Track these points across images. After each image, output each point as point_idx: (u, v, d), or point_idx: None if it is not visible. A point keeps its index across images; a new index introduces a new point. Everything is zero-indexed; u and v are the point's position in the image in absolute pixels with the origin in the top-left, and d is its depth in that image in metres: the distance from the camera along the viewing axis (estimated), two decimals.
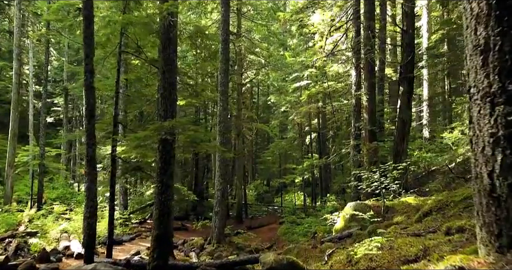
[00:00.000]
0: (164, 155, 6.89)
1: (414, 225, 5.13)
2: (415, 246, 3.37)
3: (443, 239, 3.44)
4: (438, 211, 5.43)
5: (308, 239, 15.81)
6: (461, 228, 3.50)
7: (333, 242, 7.64)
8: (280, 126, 34.35)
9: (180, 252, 13.23)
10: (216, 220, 14.22)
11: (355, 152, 12.88)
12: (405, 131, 12.27)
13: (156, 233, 6.68)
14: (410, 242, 3.61)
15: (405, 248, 3.45)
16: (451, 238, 3.36)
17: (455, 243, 3.12)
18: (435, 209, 5.53)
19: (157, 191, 6.88)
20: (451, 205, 5.33)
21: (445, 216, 4.99)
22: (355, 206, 8.59)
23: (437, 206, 5.57)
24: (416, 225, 5.04)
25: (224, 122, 14.37)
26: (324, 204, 19.31)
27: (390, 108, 21.20)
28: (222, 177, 14.29)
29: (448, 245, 3.08)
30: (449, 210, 5.15)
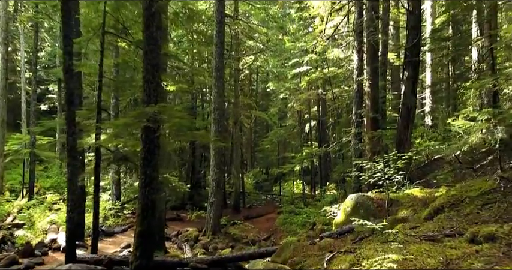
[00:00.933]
0: (148, 144, 6.26)
1: (425, 224, 4.54)
2: (433, 257, 2.79)
3: (468, 248, 2.86)
4: (451, 208, 4.83)
5: (307, 230, 15.34)
6: (491, 235, 2.91)
7: (333, 237, 7.08)
8: (279, 114, 33.65)
9: (174, 245, 12.73)
10: (211, 211, 13.70)
11: (356, 140, 12.25)
12: (409, 119, 11.63)
13: (139, 230, 6.11)
14: (426, 250, 3.02)
15: (421, 258, 2.86)
16: (479, 248, 2.77)
17: (487, 257, 2.54)
18: (447, 205, 4.93)
19: (141, 183, 6.27)
20: (466, 201, 4.73)
21: (460, 215, 4.40)
22: (357, 199, 8.01)
23: (449, 201, 4.97)
24: (427, 224, 4.45)
25: (220, 109, 13.72)
26: (323, 194, 18.79)
27: (393, 95, 20.53)
28: (218, 166, 13.71)
29: (477, 259, 2.50)
30: (464, 208, 4.56)
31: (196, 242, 13.01)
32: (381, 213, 7.55)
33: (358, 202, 7.90)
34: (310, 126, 26.86)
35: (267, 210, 20.87)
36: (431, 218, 4.96)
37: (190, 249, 11.69)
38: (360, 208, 7.83)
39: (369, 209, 7.70)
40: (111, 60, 10.80)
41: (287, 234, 15.39)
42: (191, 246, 12.54)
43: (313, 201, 19.58)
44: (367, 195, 8.07)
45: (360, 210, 7.80)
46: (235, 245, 13.44)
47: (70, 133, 7.54)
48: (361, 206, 7.83)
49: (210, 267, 7.61)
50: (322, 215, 15.59)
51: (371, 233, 6.29)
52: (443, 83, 23.05)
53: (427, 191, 7.79)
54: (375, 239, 5.60)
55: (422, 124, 23.11)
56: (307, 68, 21.74)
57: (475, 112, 8.13)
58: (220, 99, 13.78)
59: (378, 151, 10.14)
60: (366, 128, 12.04)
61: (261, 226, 17.67)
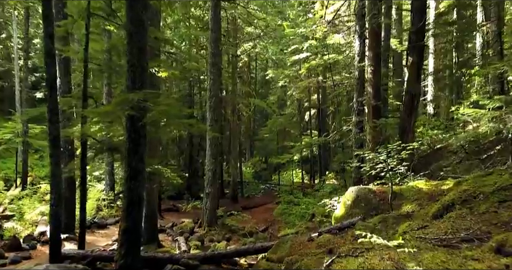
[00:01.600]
0: (133, 134, 5.78)
1: (434, 223, 4.09)
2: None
3: (495, 261, 2.42)
4: (463, 204, 4.38)
5: (305, 221, 14.99)
6: None
7: (332, 233, 6.65)
8: (278, 102, 33.10)
9: (168, 237, 12.36)
10: (207, 202, 13.30)
11: (357, 129, 11.78)
12: (413, 107, 11.12)
13: (124, 226, 5.67)
14: (443, 261, 2.57)
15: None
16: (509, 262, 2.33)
17: None
18: (459, 201, 4.48)
19: (126, 176, 5.81)
20: (480, 197, 4.28)
21: (474, 213, 3.95)
22: (358, 192, 7.57)
23: (461, 197, 4.52)
24: (437, 223, 4.00)
25: (215, 97, 13.20)
26: (322, 184, 18.39)
27: (395, 82, 19.98)
28: (213, 156, 13.26)
29: None
30: (478, 205, 4.11)
31: (191, 234, 12.64)
32: (383, 207, 7.12)
33: (359, 195, 7.46)
34: (310, 114, 26.37)
35: (265, 201, 20.53)
36: (441, 216, 4.51)
37: (185, 242, 11.30)
38: (361, 201, 7.39)
39: (371, 203, 7.27)
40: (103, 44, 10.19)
41: (285, 226, 15.05)
42: (186, 238, 12.16)
43: (312, 191, 19.21)
44: (368, 187, 7.63)
45: (361, 204, 7.37)
46: (231, 237, 13.09)
47: (52, 122, 7.04)
48: (362, 200, 7.39)
49: (202, 263, 7.23)
50: (321, 207, 15.24)
51: (373, 229, 5.87)
52: (447, 70, 22.44)
53: (433, 184, 7.34)
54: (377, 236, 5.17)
55: (424, 113, 22.62)
56: (307, 55, 21.12)
57: (485, 99, 7.64)
58: (216, 86, 13.25)
59: (380, 141, 9.67)
60: (368, 116, 11.56)
61: (259, 217, 17.33)
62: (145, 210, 10.32)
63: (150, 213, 10.31)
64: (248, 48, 23.37)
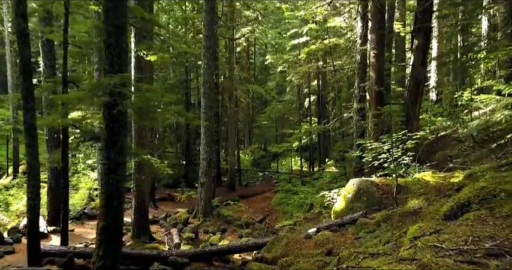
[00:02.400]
0: (111, 123, 5.20)
1: (449, 226, 3.55)
2: None
3: None
4: (482, 204, 3.84)
5: (304, 211, 14.53)
6: None
7: (332, 230, 6.15)
8: (277, 88, 32.36)
9: (161, 228, 11.90)
10: (202, 192, 12.81)
11: (359, 117, 11.19)
12: (418, 93, 10.52)
13: (102, 225, 5.14)
14: None
15: None
16: None
17: None
18: (476, 200, 3.94)
19: (104, 170, 5.26)
20: (501, 196, 3.74)
21: (496, 216, 3.40)
22: (360, 184, 7.04)
23: (478, 195, 3.97)
24: (452, 226, 3.45)
25: (210, 82, 12.56)
26: (322, 172, 17.88)
27: (397, 67, 19.28)
28: (208, 144, 12.69)
29: None
30: (500, 206, 3.56)
31: (185, 225, 12.18)
32: (386, 201, 6.60)
33: (361, 188, 6.94)
34: (310, 101, 25.70)
35: (263, 189, 20.07)
36: (455, 216, 3.97)
37: (178, 234, 10.84)
38: (362, 195, 6.87)
39: (373, 197, 6.74)
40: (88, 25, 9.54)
41: (283, 216, 14.61)
42: (180, 230, 11.70)
43: (311, 180, 18.73)
44: (371, 180, 7.09)
45: (363, 198, 6.84)
46: (227, 228, 12.64)
47: (27, 109, 6.46)
48: (364, 193, 6.87)
49: (192, 261, 6.75)
50: (320, 196, 14.77)
51: (376, 227, 5.35)
52: (451, 54, 21.70)
53: (441, 176, 6.81)
54: (382, 238, 4.66)
55: (426, 99, 21.97)
56: (306, 39, 20.37)
57: (501, 84, 7.02)
58: (211, 71, 12.60)
59: (383, 129, 9.09)
60: (370, 103, 10.95)
61: (256, 206, 16.89)
62: (134, 202, 9.84)
63: (140, 204, 9.81)
64: (246, 32, 22.57)
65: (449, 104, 21.54)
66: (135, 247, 7.49)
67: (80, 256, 6.91)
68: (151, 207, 14.72)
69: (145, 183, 10.03)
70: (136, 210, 9.79)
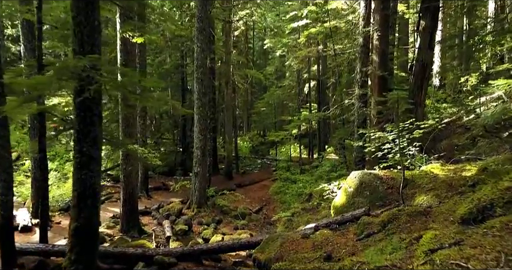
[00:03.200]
0: (82, 112, 4.59)
1: (471, 235, 2.98)
2: None
3: None
4: (507, 208, 3.27)
5: (302, 201, 14.04)
6: None
7: (331, 228, 5.61)
8: (276, 74, 31.58)
9: (153, 220, 11.41)
10: (196, 182, 12.28)
11: (361, 103, 10.56)
12: (424, 77, 9.89)
13: (75, 226, 4.59)
14: None
15: None
16: None
17: None
18: (501, 203, 3.37)
19: (76, 164, 4.68)
20: None
21: None
22: (362, 178, 6.47)
23: (503, 197, 3.40)
24: (476, 236, 2.89)
25: (203, 67, 11.88)
26: (321, 160, 17.34)
27: (400, 51, 18.55)
28: (202, 132, 12.10)
29: None
30: None
31: (179, 217, 11.68)
32: (391, 196, 6.05)
33: (364, 182, 6.37)
34: (310, 86, 25.00)
35: (261, 177, 19.57)
36: (475, 221, 3.41)
37: (170, 227, 10.35)
38: (365, 189, 6.31)
39: (377, 191, 6.18)
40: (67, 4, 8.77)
41: (281, 206, 14.13)
42: (172, 221, 11.22)
43: (310, 168, 18.20)
44: (374, 173, 6.52)
45: (366, 192, 6.29)
46: (222, 219, 12.17)
47: None
48: (367, 187, 6.31)
49: (180, 260, 6.24)
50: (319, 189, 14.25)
51: (381, 228, 4.80)
52: (456, 38, 20.89)
53: (451, 168, 6.23)
54: (389, 243, 4.11)
55: (429, 84, 21.27)
56: (306, 22, 19.54)
57: None
58: (204, 55, 11.90)
59: (389, 118, 8.48)
60: (373, 88, 10.32)
61: (254, 195, 16.41)
62: (123, 193, 9.31)
63: (128, 196, 9.29)
64: (244, 15, 21.70)
65: (454, 90, 20.88)
66: (120, 244, 6.98)
67: (60, 254, 6.38)
68: (144, 197, 14.26)
69: (134, 174, 9.47)
70: (124, 202, 9.27)
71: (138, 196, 14.05)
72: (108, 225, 9.65)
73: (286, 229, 10.80)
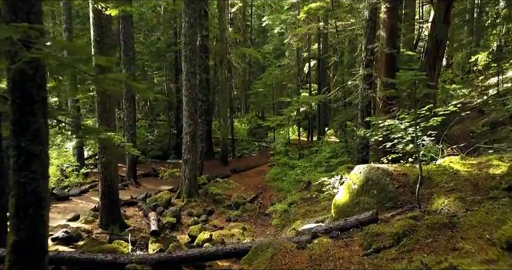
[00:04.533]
0: (19, 98, 3.62)
1: None
2: None
3: None
4: None
5: (300, 189, 13.19)
6: None
7: (332, 236, 4.71)
8: (275, 53, 30.26)
9: (139, 211, 10.58)
10: (185, 170, 11.39)
11: (366, 85, 9.52)
12: (438, 55, 8.81)
13: (14, 240, 3.69)
14: None
15: None
16: None
17: None
18: None
19: (13, 164, 3.74)
20: None
21: None
22: (368, 173, 5.53)
23: None
24: None
25: (191, 44, 10.79)
26: (321, 145, 16.41)
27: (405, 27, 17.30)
28: (192, 117, 11.12)
29: None
30: None
31: (167, 207, 10.86)
32: (404, 197, 5.12)
33: (370, 178, 5.44)
34: (310, 66, 23.81)
35: (257, 162, 18.70)
36: None
37: (157, 220, 9.50)
38: (372, 187, 5.38)
39: (386, 190, 5.26)
40: None
41: (277, 194, 13.29)
42: (160, 213, 10.39)
43: (309, 153, 17.29)
44: (382, 168, 5.57)
45: (373, 191, 5.37)
46: (214, 210, 11.35)
47: None
48: (374, 185, 5.38)
49: (156, 268, 5.37)
50: (318, 171, 13.41)
51: (394, 242, 3.89)
52: (466, 13, 19.59)
53: (473, 163, 5.29)
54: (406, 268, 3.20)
55: None
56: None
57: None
58: (193, 31, 10.77)
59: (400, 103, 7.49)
60: (379, 68, 9.27)
61: (249, 182, 15.57)
62: (101, 185, 8.42)
63: (107, 189, 8.39)
64: None
65: (462, 70, 19.76)
66: (90, 248, 6.13)
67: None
68: (132, 185, 13.42)
69: (115, 163, 8.55)
70: (103, 195, 8.39)
71: (126, 184, 13.24)
72: (87, 220, 8.79)
73: (282, 221, 10.00)
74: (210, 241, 7.56)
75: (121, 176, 14.30)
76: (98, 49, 7.91)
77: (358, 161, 9.86)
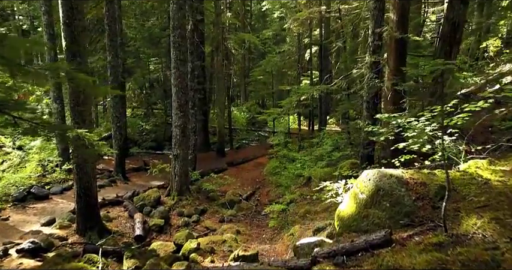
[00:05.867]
0: None
1: None
2: None
3: None
4: None
5: (300, 185, 12.34)
6: None
7: (336, 263, 3.84)
8: (275, 38, 29.07)
9: (124, 212, 9.73)
10: (176, 166, 10.52)
11: (373, 73, 8.54)
12: (455, 40, 7.82)
13: None
14: None
15: None
16: None
17: None
18: None
19: None
20: None
21: None
22: (379, 181, 4.63)
23: None
24: None
25: (180, 29, 9.79)
26: (322, 137, 15.46)
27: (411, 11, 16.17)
28: (182, 108, 10.19)
29: None
30: None
31: (155, 207, 10.03)
32: (423, 213, 4.23)
33: (382, 188, 4.54)
34: (311, 52, 22.70)
35: (256, 153, 17.85)
36: None
37: (143, 222, 8.70)
38: (384, 199, 4.50)
39: (401, 203, 4.36)
40: None
41: (276, 190, 12.40)
42: (147, 214, 9.58)
43: (310, 145, 16.38)
44: (396, 175, 4.66)
45: (384, 203, 4.48)
46: (207, 209, 10.53)
47: None
48: (386, 196, 4.49)
49: None
50: (319, 166, 12.53)
51: None
52: None
53: (506, 170, 4.39)
54: None
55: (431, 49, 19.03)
56: None
57: None
58: (181, 14, 9.76)
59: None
60: (388, 55, 8.29)
61: (247, 176, 14.74)
62: (76, 187, 7.56)
63: (84, 191, 7.53)
64: None
65: (470, 56, 18.66)
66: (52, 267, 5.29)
67: None
68: (120, 181, 12.60)
69: (92, 162, 7.67)
70: (79, 198, 7.53)
71: (113, 180, 12.41)
72: (62, 225, 7.94)
73: (280, 223, 9.16)
74: (197, 251, 6.73)
75: (109, 171, 13.48)
76: (68, 33, 6.96)
77: (362, 158, 8.98)
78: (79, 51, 7.13)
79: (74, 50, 7.09)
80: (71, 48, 7.06)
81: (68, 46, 7.05)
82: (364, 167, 8.36)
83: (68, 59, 7.08)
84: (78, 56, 7.13)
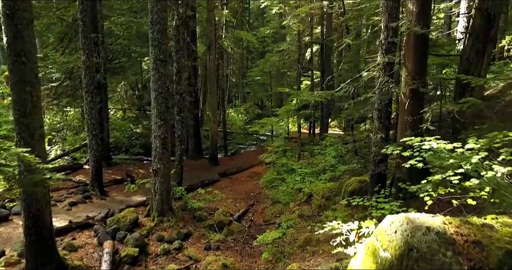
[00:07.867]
0: None
1: None
2: None
3: None
4: None
5: (299, 202, 10.93)
6: None
7: None
8: (274, 37, 27.66)
9: (94, 238, 8.33)
10: (156, 182, 9.13)
11: (386, 76, 7.12)
12: (489, 37, 6.43)
13: None
14: None
15: None
16: None
17: None
18: None
19: None
20: None
21: None
22: (410, 236, 3.20)
23: None
24: None
25: (159, 24, 8.40)
26: (323, 147, 14.00)
27: None
28: (161, 116, 8.78)
29: None
30: None
31: (132, 231, 8.63)
32: None
33: (415, 248, 3.13)
34: (312, 51, 21.28)
35: (252, 161, 16.42)
36: None
37: (111, 253, 7.32)
38: (419, 265, 3.08)
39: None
40: None
41: (272, 209, 10.95)
42: (121, 240, 8.18)
43: (310, 150, 14.92)
44: (435, 228, 3.22)
45: (417, 268, 3.06)
46: (192, 232, 9.11)
47: None
48: (423, 260, 3.07)
49: None
50: (321, 181, 11.12)
51: None
52: None
53: None
54: None
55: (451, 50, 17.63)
56: None
57: None
58: (161, 6, 8.35)
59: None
60: (406, 54, 6.89)
61: (240, 189, 13.34)
62: (23, 216, 6.16)
63: (34, 220, 6.14)
64: None
65: None
66: None
67: None
68: (96, 197, 11.20)
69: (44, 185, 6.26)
70: (27, 230, 6.14)
71: (88, 196, 11.02)
72: (9, 262, 6.55)
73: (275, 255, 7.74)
74: None
75: (85, 184, 12.09)
76: (9, 27, 5.58)
77: (373, 177, 7.56)
78: (24, 49, 5.74)
79: (18, 48, 5.71)
80: (14, 46, 5.68)
81: (9, 43, 5.67)
82: (376, 191, 6.96)
83: (10, 59, 5.69)
84: (23, 55, 5.74)
